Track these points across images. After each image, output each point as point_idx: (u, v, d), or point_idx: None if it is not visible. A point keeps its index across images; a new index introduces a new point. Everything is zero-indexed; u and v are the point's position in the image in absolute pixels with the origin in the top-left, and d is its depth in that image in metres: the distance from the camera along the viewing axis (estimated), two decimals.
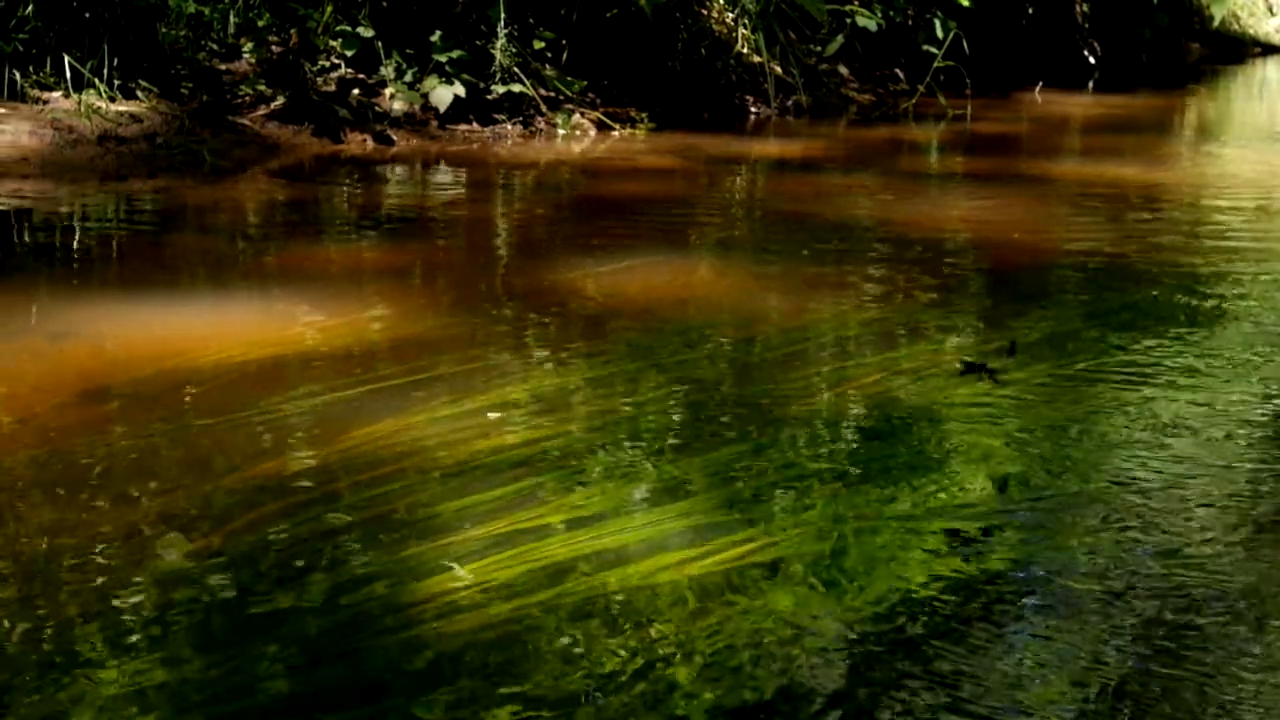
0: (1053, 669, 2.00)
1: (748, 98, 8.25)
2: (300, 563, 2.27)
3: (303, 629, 2.06)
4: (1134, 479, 2.68)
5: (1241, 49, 14.50)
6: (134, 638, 2.02)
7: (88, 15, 6.10)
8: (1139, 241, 4.90)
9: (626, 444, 2.81)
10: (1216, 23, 13.99)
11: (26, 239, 4.65)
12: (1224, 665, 2.02)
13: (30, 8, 6.04)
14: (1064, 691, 1.94)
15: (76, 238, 4.73)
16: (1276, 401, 3.15)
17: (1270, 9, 15.58)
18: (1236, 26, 14.71)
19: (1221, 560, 2.35)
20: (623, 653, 2.01)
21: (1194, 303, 4.00)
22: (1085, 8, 11.96)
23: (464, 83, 6.81)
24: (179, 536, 2.33)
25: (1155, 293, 4.13)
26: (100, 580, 2.18)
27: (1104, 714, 1.90)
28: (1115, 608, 2.18)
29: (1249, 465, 2.78)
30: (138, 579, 2.19)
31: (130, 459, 2.66)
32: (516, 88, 7.02)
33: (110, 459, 2.66)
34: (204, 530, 2.36)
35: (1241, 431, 2.96)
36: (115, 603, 2.12)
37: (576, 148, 6.88)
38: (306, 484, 2.56)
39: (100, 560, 2.25)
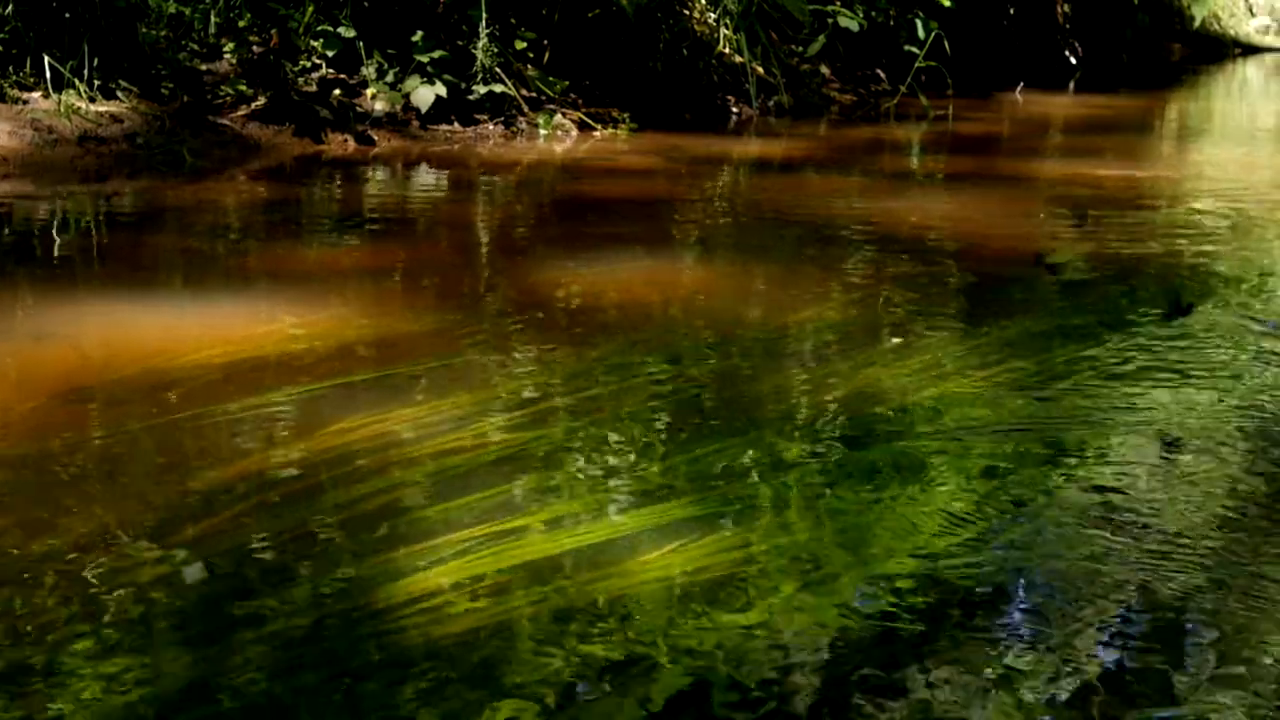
0: (1033, 672, 2.00)
1: (729, 98, 8.26)
2: (280, 562, 2.26)
3: (282, 630, 2.06)
4: (1119, 480, 2.68)
5: (1222, 49, 14.57)
6: (111, 637, 2.02)
7: (68, 15, 6.09)
8: (1118, 240, 4.91)
9: (608, 443, 2.81)
10: (1197, 23, 14.05)
11: (6, 239, 4.64)
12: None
13: (10, 8, 6.03)
14: (1042, 699, 1.94)
15: (57, 238, 4.71)
16: (1259, 397, 3.15)
17: (1251, 10, 15.64)
18: (1217, 27, 14.77)
19: (1203, 554, 2.36)
20: (605, 652, 2.01)
21: (1175, 299, 4.01)
22: (1067, 8, 12.00)
23: (445, 83, 6.82)
24: (158, 535, 2.33)
25: (1137, 290, 4.14)
26: (77, 579, 2.18)
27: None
28: (1101, 616, 2.18)
29: (1231, 462, 2.79)
30: (115, 578, 2.18)
31: (110, 458, 2.66)
32: (498, 88, 7.02)
33: (91, 458, 2.65)
34: (183, 529, 2.36)
35: (1223, 427, 2.97)
36: (92, 602, 2.11)
37: (558, 148, 6.88)
38: (286, 483, 2.56)
39: (78, 559, 2.24)
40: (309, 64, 6.88)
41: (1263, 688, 1.95)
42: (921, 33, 8.89)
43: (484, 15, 6.98)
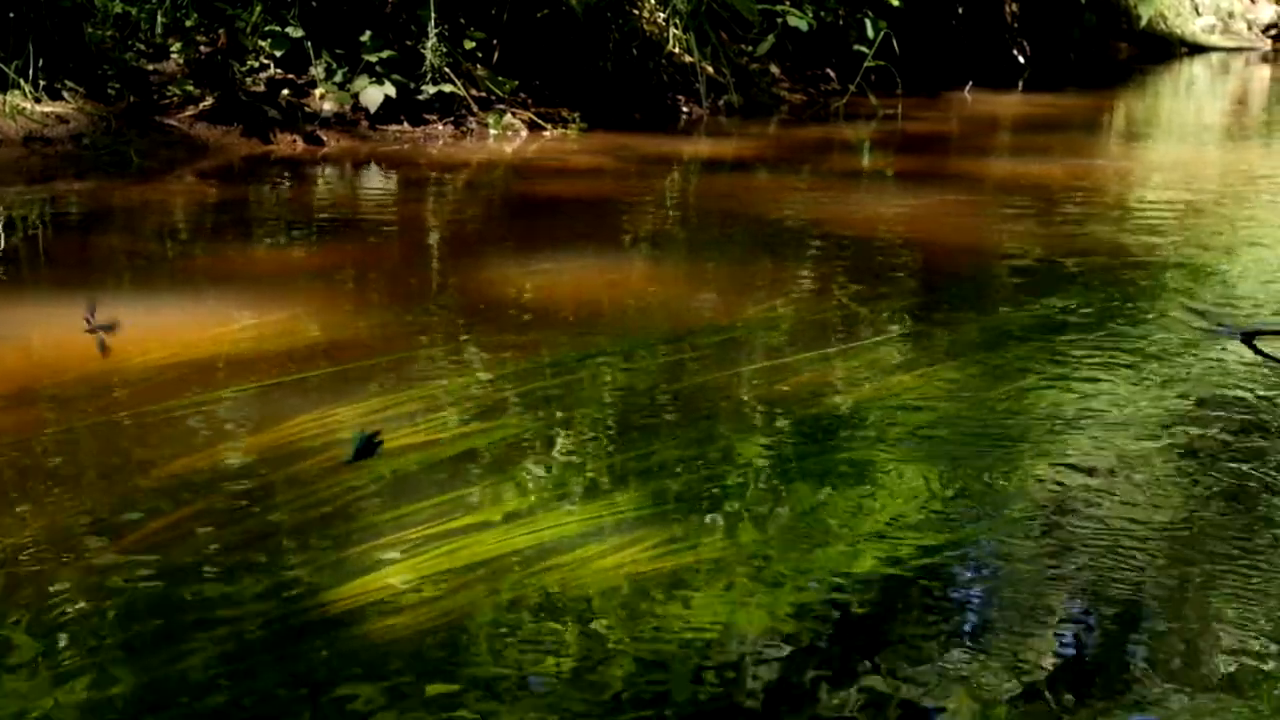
0: (979, 663, 2.01)
1: (679, 97, 8.26)
2: (231, 562, 2.25)
3: (235, 631, 2.05)
4: (1058, 481, 2.70)
5: (1169, 48, 14.67)
6: (62, 642, 2.00)
7: (12, 15, 6.04)
8: (1066, 238, 4.94)
9: (559, 441, 2.80)
10: (1144, 23, 14.13)
11: None
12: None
13: None
14: (987, 688, 1.96)
15: (2, 240, 4.67)
16: (1202, 387, 3.18)
17: (1196, 9, 15.76)
18: (1163, 26, 14.88)
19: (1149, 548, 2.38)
20: (556, 646, 2.01)
21: (1120, 296, 4.03)
22: (1015, 8, 12.06)
23: (394, 83, 6.79)
24: (108, 535, 2.31)
25: (1083, 287, 4.16)
26: (27, 582, 2.16)
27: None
28: (1050, 611, 2.20)
29: (1168, 453, 2.82)
30: (66, 581, 2.17)
31: (59, 460, 2.64)
32: (447, 88, 7.00)
33: (39, 460, 2.63)
34: (133, 528, 2.34)
35: (1161, 420, 2.99)
36: (42, 606, 2.10)
37: (508, 148, 6.87)
38: (236, 483, 2.54)
39: (27, 561, 2.22)
40: (257, 64, 6.84)
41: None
42: (870, 32, 8.91)
43: (433, 15, 6.96)
